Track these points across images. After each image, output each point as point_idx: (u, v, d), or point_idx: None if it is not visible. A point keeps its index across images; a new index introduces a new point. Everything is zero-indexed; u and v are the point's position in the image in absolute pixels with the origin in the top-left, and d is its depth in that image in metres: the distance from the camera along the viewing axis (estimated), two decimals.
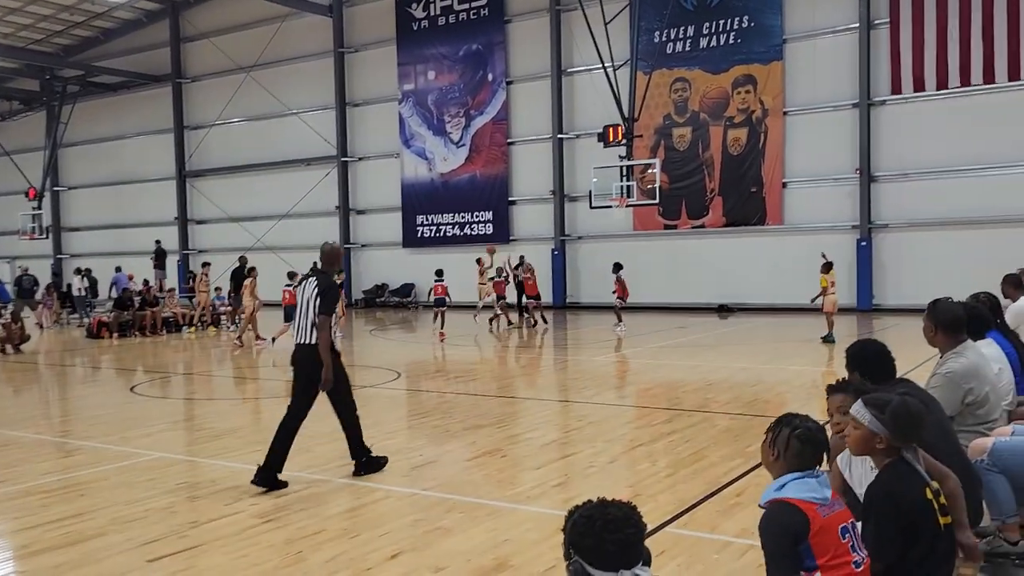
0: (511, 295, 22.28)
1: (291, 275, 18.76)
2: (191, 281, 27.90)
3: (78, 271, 29.41)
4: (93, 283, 29.54)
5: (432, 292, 20.26)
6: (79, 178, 40.21)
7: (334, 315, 7.41)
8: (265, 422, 9.94)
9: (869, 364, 4.40)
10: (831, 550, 2.97)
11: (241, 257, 24.20)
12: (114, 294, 25.20)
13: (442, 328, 19.46)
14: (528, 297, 22.01)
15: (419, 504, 6.42)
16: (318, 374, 7.04)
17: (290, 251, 32.22)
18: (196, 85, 35.92)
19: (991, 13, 20.90)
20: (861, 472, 3.92)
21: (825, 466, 3.85)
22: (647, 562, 2.57)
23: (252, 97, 33.07)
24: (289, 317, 17.74)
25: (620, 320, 19.58)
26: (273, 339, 18.49)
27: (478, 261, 21.69)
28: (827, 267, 16.69)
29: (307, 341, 7.08)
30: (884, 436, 3.34)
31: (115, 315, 22.23)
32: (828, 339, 16.25)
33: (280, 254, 31.77)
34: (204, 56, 34.83)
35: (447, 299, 20.02)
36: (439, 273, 20.34)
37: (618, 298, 19.74)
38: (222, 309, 23.94)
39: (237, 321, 23.37)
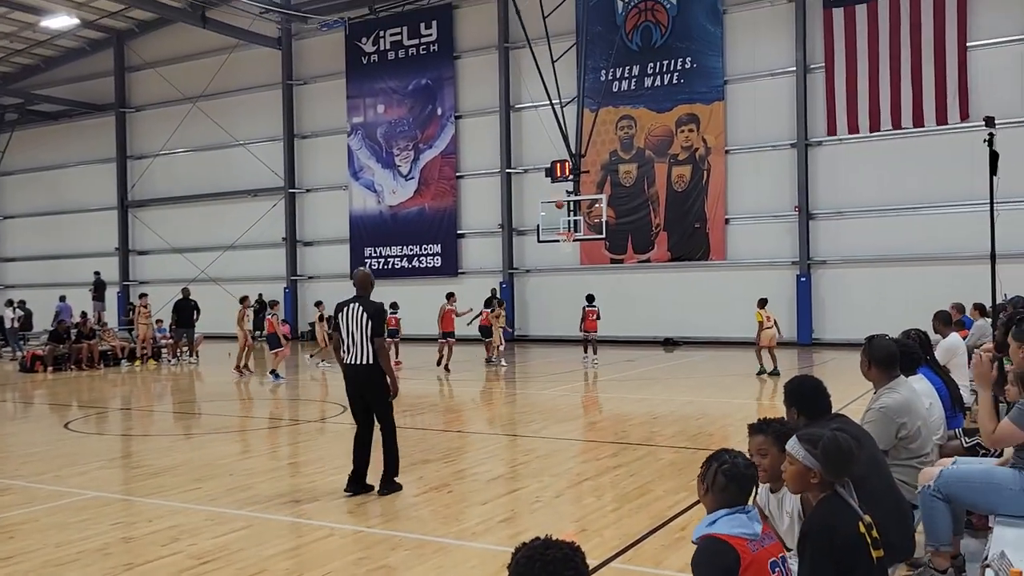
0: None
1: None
2: (130, 313, 27.26)
3: (9, 302, 28.50)
4: (28, 315, 28.66)
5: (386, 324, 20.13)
6: (17, 207, 39.14)
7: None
8: (204, 458, 9.74)
9: (805, 400, 4.51)
10: None
11: (184, 289, 23.78)
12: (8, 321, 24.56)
13: (397, 358, 19.42)
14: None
15: (363, 542, 6.34)
16: (378, 388, 7.78)
17: (235, 283, 31.74)
18: (141, 115, 35.42)
19: (919, 60, 21.84)
20: (778, 512, 4.03)
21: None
22: None
23: (198, 127, 32.72)
24: (275, 345, 18.22)
25: (589, 352, 20.59)
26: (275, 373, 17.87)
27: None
28: (762, 303, 17.16)
29: (364, 361, 7.69)
30: (817, 471, 3.43)
31: (50, 348, 21.57)
32: (773, 373, 16.59)
33: (224, 286, 31.28)
34: (149, 86, 34.40)
35: (399, 331, 20.92)
36: (393, 306, 20.39)
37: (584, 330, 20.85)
38: (163, 341, 23.42)
39: (179, 354, 22.93)
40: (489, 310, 21.27)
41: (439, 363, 19.51)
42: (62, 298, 28.77)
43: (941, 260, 21.66)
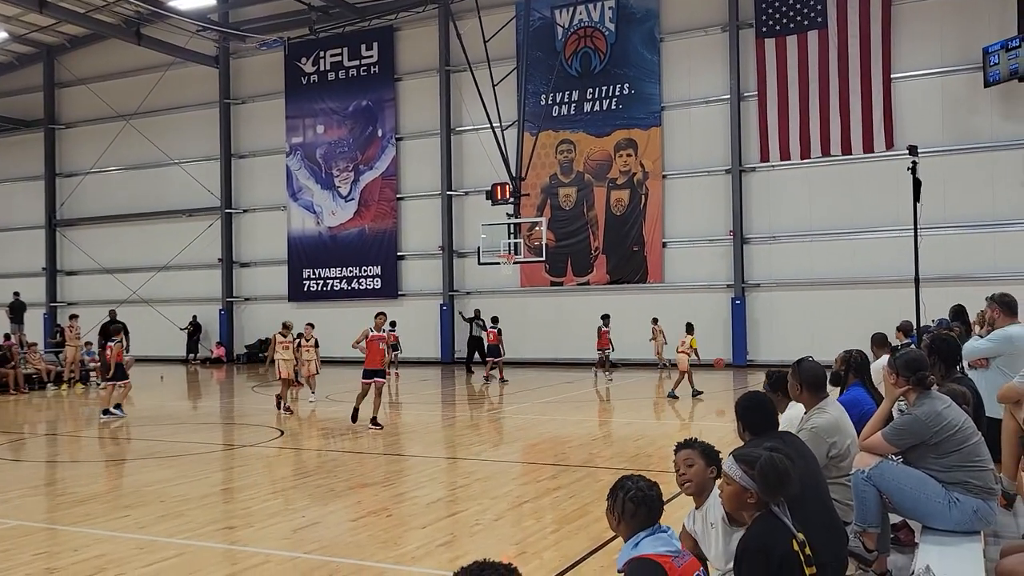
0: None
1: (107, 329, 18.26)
2: (58, 335, 26.36)
3: None
4: None
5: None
6: None
7: None
8: (132, 485, 9.47)
9: (751, 415, 4.64)
10: None
11: (111, 311, 23.08)
12: None
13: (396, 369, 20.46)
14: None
15: (300, 568, 6.23)
16: None
17: (168, 304, 31.04)
18: (71, 131, 34.47)
19: (847, 90, 22.67)
20: (703, 526, 4.13)
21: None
22: None
23: (132, 145, 31.99)
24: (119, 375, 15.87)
25: (605, 368, 21.86)
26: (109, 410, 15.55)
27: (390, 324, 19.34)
28: (689, 328, 17.78)
29: None
30: (754, 491, 3.50)
31: None
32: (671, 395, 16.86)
33: (157, 307, 30.56)
34: (81, 102, 33.54)
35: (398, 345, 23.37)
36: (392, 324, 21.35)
37: (599, 349, 21.98)
38: (91, 364, 22.67)
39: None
40: (496, 329, 21.93)
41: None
42: None
43: (868, 283, 22.39)
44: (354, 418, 13.76)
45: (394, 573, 6.07)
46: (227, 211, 31.32)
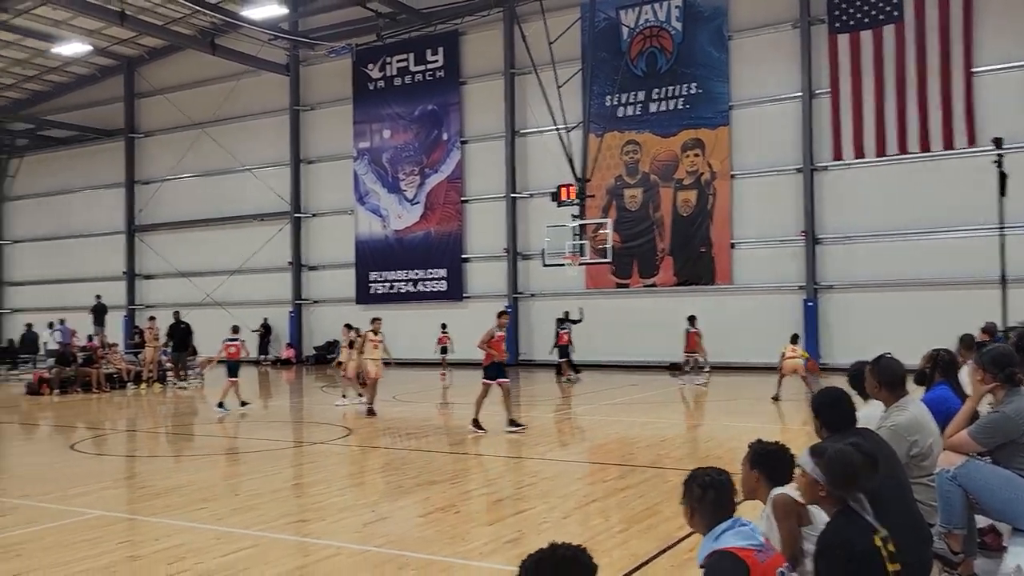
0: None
1: (235, 328, 18.54)
2: (137, 336, 27.30)
3: (50, 324, 28.73)
4: (33, 338, 28.79)
5: None
6: (24, 231, 39.34)
7: None
8: (208, 479, 9.71)
9: (827, 411, 4.53)
10: None
11: (175, 312, 23.71)
12: (54, 342, 24.61)
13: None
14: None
15: (371, 561, 6.29)
16: None
17: (240, 306, 31.81)
18: (149, 140, 35.70)
19: (925, 84, 21.95)
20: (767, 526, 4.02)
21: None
22: None
23: (205, 153, 32.96)
24: (233, 372, 17.09)
25: (689, 371, 20.95)
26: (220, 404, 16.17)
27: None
28: (794, 338, 17.45)
29: None
30: (823, 484, 3.42)
31: (57, 371, 21.58)
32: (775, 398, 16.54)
33: (229, 309, 31.33)
34: (158, 111, 34.71)
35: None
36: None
37: (688, 352, 21.16)
38: (167, 365, 23.39)
39: (183, 377, 22.88)
40: (566, 330, 22.13)
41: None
42: (62, 321, 28.88)
43: (947, 284, 21.60)
44: (477, 424, 12.71)
45: (462, 568, 6.08)
46: (296, 215, 31.99)
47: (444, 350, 24.36)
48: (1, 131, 36.37)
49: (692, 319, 21.28)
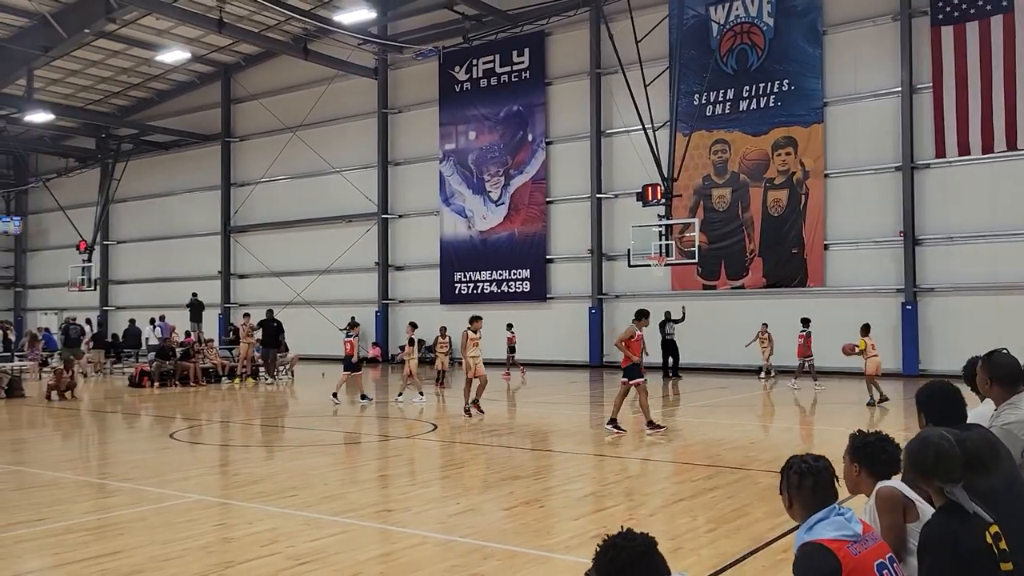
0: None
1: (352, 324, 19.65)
2: (232, 333, 28.27)
3: (152, 320, 30.15)
4: (136, 333, 30.13)
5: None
6: (127, 232, 41.27)
7: None
8: (298, 469, 9.92)
9: (933, 404, 4.29)
10: None
11: (268, 310, 24.37)
12: (155, 338, 25.70)
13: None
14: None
15: (456, 550, 6.30)
16: None
17: (328, 306, 32.55)
18: (244, 144, 36.95)
19: None
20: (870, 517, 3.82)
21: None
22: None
23: (297, 155, 33.89)
24: (349, 366, 17.76)
25: (803, 376, 20.02)
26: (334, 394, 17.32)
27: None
28: (865, 329, 16.56)
29: None
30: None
31: (157, 364, 22.52)
32: (882, 400, 15.91)
33: (319, 309, 32.11)
34: (253, 116, 35.89)
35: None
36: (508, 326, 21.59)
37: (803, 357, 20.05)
38: (260, 361, 24.10)
39: (276, 373, 23.53)
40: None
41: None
42: (162, 317, 30.16)
43: None
44: (615, 424, 12.46)
45: (547, 560, 6.02)
46: (384, 216, 32.56)
47: (511, 349, 24.42)
48: (108, 137, 38.23)
49: (806, 321, 20.49)
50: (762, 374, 22.32)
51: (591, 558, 2.53)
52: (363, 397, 17.38)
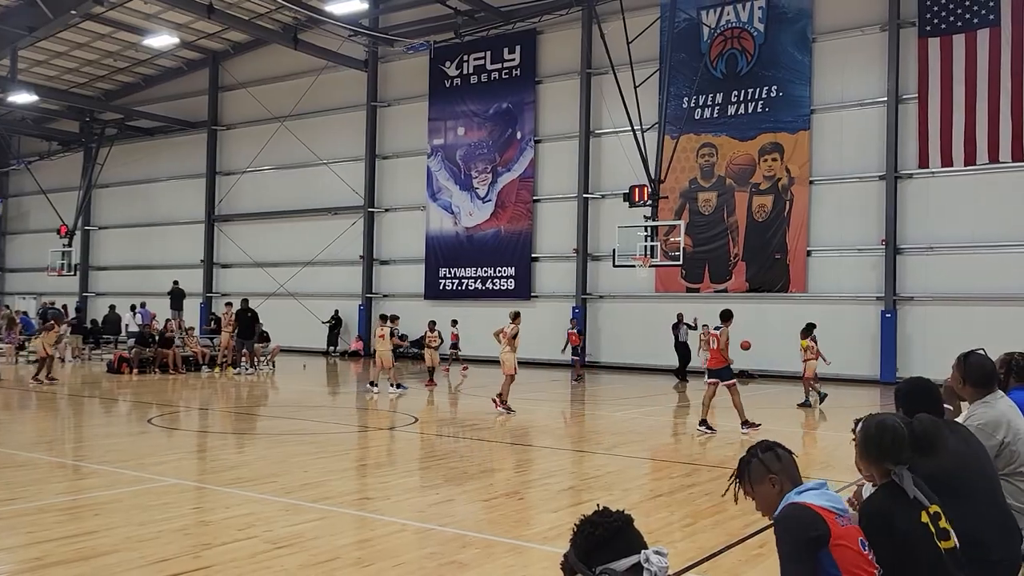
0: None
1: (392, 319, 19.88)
2: (213, 323, 28.11)
3: (132, 307, 29.91)
4: (116, 320, 29.89)
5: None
6: (109, 218, 40.89)
7: None
8: (277, 456, 9.88)
9: (910, 400, 4.34)
10: (854, 560, 2.87)
11: (243, 300, 24.21)
12: (135, 325, 25.51)
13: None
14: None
15: (435, 538, 6.31)
16: None
17: (312, 298, 32.42)
18: (230, 132, 36.71)
19: (1020, 91, 21.04)
20: None
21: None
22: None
23: (284, 146, 33.70)
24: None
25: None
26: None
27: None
28: (807, 330, 16.71)
29: None
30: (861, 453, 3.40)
31: (136, 351, 22.35)
32: (804, 403, 16.16)
33: (302, 300, 31.98)
34: (240, 104, 35.66)
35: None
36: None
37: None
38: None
39: (256, 363, 23.41)
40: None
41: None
42: (143, 305, 29.93)
43: None
44: (706, 425, 12.72)
45: (526, 550, 6.04)
46: (370, 210, 32.46)
47: (455, 346, 25.52)
48: (92, 121, 37.86)
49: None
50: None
51: (566, 547, 2.56)
52: (398, 386, 18.00)
